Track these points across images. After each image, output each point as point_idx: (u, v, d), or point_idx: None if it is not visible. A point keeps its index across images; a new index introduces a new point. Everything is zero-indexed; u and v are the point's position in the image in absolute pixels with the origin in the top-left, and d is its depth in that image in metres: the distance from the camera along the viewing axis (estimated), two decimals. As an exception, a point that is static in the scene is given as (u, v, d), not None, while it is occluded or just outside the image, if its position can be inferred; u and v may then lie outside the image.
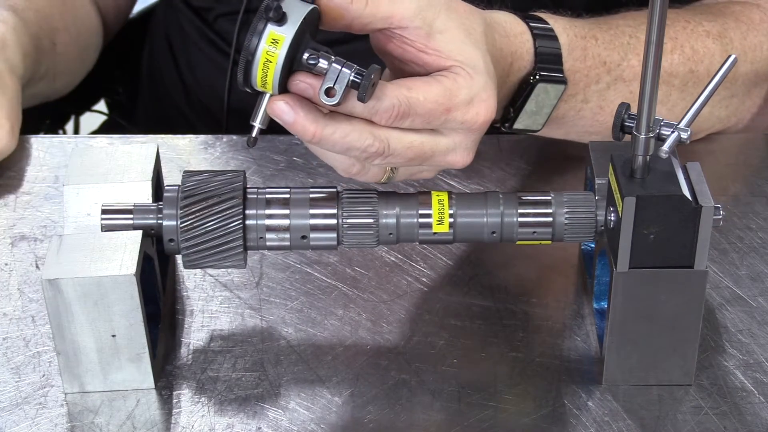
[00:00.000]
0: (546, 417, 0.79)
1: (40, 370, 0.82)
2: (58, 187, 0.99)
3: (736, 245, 0.93)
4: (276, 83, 0.73)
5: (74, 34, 1.16)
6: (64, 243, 0.78)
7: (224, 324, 0.86)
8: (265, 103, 0.75)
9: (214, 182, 0.80)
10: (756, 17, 1.04)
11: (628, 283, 0.77)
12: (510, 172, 1.01)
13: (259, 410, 0.79)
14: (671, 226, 0.75)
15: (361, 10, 0.76)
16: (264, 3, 0.72)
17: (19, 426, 0.78)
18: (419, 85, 0.76)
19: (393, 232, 0.81)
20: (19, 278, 0.90)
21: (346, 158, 0.78)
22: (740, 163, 1.05)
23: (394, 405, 0.80)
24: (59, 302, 0.76)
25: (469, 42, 0.79)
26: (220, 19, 1.19)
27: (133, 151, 0.85)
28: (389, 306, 0.88)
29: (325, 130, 0.74)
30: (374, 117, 0.75)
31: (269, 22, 0.72)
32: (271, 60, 0.73)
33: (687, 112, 0.76)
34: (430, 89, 0.76)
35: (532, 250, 0.92)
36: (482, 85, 0.78)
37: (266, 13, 0.72)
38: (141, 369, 0.80)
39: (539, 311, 0.88)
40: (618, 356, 0.80)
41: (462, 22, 0.80)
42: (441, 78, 0.77)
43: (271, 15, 0.72)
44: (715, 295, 0.89)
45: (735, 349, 0.84)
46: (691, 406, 0.80)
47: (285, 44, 0.72)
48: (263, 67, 0.73)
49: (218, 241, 0.79)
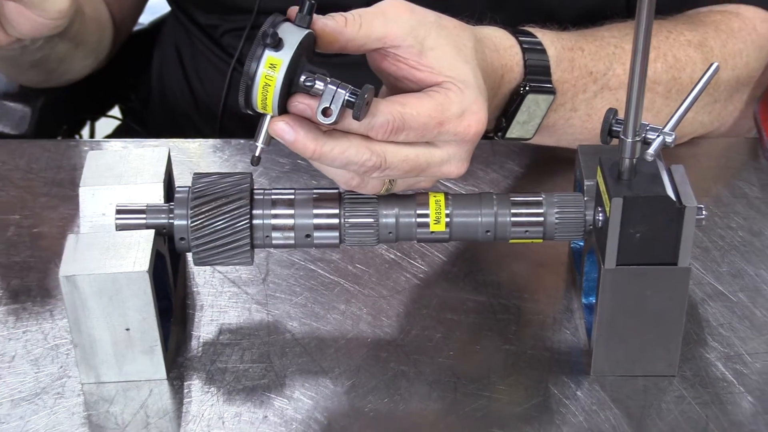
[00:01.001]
0: (537, 406, 0.79)
1: (58, 361, 0.82)
2: (74, 188, 0.99)
3: (717, 243, 0.93)
4: (275, 105, 0.74)
5: (94, 18, 1.15)
6: (80, 241, 0.78)
7: (232, 318, 0.86)
8: (267, 124, 0.75)
9: (223, 184, 0.80)
10: (735, 26, 1.04)
11: (615, 280, 0.77)
12: (503, 174, 1.02)
13: (266, 399, 0.80)
14: (656, 226, 0.75)
15: (356, 32, 0.77)
16: (261, 30, 0.73)
17: (38, 415, 0.78)
18: (412, 100, 0.77)
19: (392, 231, 0.81)
20: (38, 275, 0.90)
21: (346, 172, 0.78)
22: (722, 165, 1.05)
23: (393, 395, 0.80)
24: (76, 297, 0.76)
25: (459, 58, 0.80)
26: (226, 35, 1.19)
27: (146, 155, 0.85)
28: (389, 301, 0.88)
29: (324, 147, 0.74)
30: (370, 132, 0.75)
31: (267, 47, 0.73)
32: (270, 83, 0.73)
33: (671, 117, 0.76)
34: (423, 104, 0.77)
35: (524, 248, 0.91)
36: (473, 98, 0.78)
37: (264, 39, 0.72)
38: (154, 361, 0.80)
39: (531, 306, 0.88)
40: (605, 348, 0.80)
41: (452, 38, 0.80)
42: (433, 93, 0.78)
43: (268, 41, 0.72)
44: (698, 290, 0.89)
45: (716, 341, 0.84)
46: (674, 395, 0.80)
47: (282, 68, 0.73)
48: (263, 90, 0.73)
49: (226, 240, 0.80)
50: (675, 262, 0.76)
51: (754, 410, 0.79)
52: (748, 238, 0.94)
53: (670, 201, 0.75)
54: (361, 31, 0.77)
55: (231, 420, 0.78)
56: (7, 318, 0.86)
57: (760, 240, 0.93)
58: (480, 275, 0.91)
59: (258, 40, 0.73)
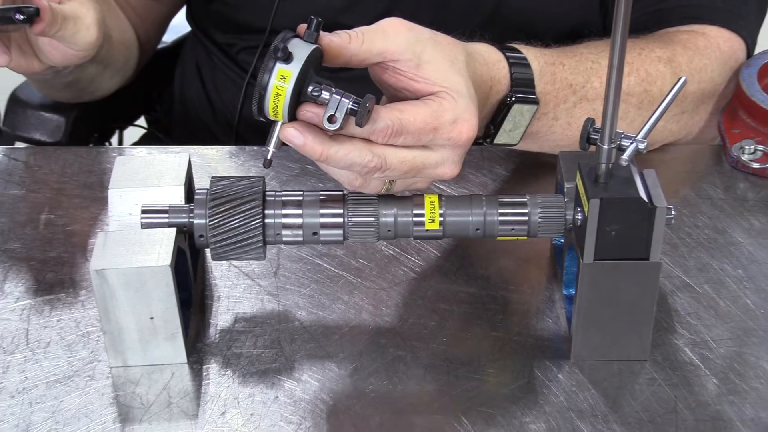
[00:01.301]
0: (522, 387, 0.79)
1: (88, 347, 0.82)
2: (104, 190, 0.98)
3: (685, 240, 0.93)
4: (286, 112, 0.74)
5: (121, 41, 1.15)
6: (109, 238, 0.78)
7: (246, 308, 0.86)
8: (278, 130, 0.75)
9: (238, 186, 0.80)
10: (701, 44, 1.04)
11: (592, 273, 0.77)
12: (491, 177, 1.01)
13: (277, 381, 0.79)
14: (630, 224, 0.75)
15: (358, 48, 0.77)
16: (273, 44, 0.73)
17: (71, 395, 0.78)
18: (410, 108, 0.77)
19: (391, 229, 0.81)
20: (71, 269, 0.90)
21: (350, 173, 0.78)
22: (689, 170, 1.05)
23: (392, 377, 0.80)
24: (105, 289, 0.76)
25: (453, 70, 0.79)
26: (241, 52, 1.19)
27: (168, 160, 0.85)
28: (388, 292, 0.88)
29: (330, 150, 0.74)
30: (372, 137, 0.75)
31: (278, 60, 0.73)
32: (281, 93, 0.73)
33: (644, 126, 0.75)
34: (419, 111, 0.77)
35: (511, 245, 0.91)
36: (465, 106, 0.78)
37: (275, 53, 0.72)
38: (175, 346, 0.79)
39: (516, 297, 0.87)
40: (584, 335, 0.80)
41: (446, 53, 0.80)
42: (429, 101, 0.78)
43: (279, 55, 0.72)
44: (667, 283, 0.88)
45: (684, 329, 0.84)
46: (646, 378, 0.80)
47: (292, 79, 0.73)
48: (274, 99, 0.73)
49: (241, 237, 0.79)
50: (647, 257, 0.76)
51: (718, 391, 0.78)
52: (712, 236, 0.93)
53: (643, 202, 0.74)
54: (363, 47, 0.77)
55: (245, 400, 0.78)
56: (43, 308, 0.85)
57: (723, 237, 0.93)
58: (470, 269, 0.90)
59: (270, 53, 0.73)
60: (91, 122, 1.26)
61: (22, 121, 1.22)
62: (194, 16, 1.25)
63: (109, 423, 0.76)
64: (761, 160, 1.00)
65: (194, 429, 0.75)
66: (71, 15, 0.94)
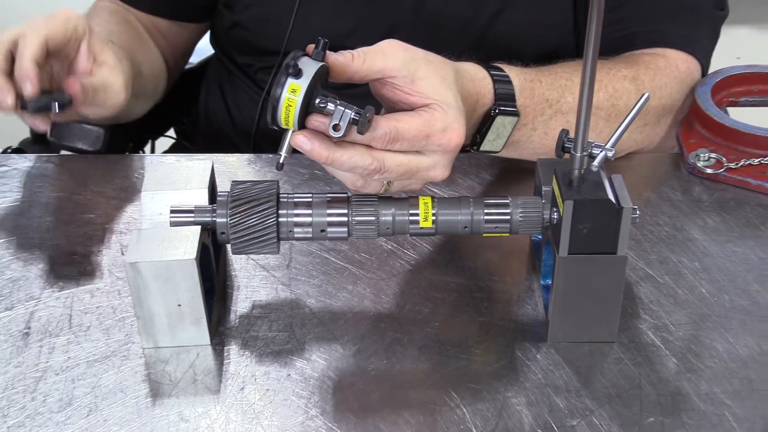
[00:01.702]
0: (505, 366, 0.79)
1: (124, 330, 0.82)
2: (137, 193, 0.98)
3: (648, 237, 0.93)
4: (296, 121, 0.74)
5: (151, 73, 1.15)
6: (142, 235, 0.78)
7: (262, 296, 0.86)
8: (289, 137, 0.75)
9: (255, 189, 0.80)
10: (661, 64, 1.03)
11: (567, 266, 0.77)
12: (478, 181, 1.01)
13: (289, 361, 0.79)
14: (600, 223, 0.74)
15: (360, 65, 0.77)
16: (285, 62, 0.73)
17: (108, 373, 0.78)
18: (405, 117, 0.77)
19: (390, 227, 0.81)
20: (109, 262, 0.89)
21: (352, 175, 0.78)
22: (651, 175, 1.04)
23: (391, 357, 0.79)
24: (138, 280, 0.76)
25: (443, 85, 0.80)
26: (259, 72, 1.19)
27: (194, 166, 0.85)
28: (387, 282, 0.87)
29: (335, 154, 0.75)
30: (372, 143, 0.76)
31: (289, 76, 0.73)
32: (291, 105, 0.73)
33: (611, 136, 0.75)
34: (414, 120, 0.77)
35: (495, 241, 0.91)
36: (454, 117, 0.79)
37: (287, 70, 0.73)
38: (200, 330, 0.79)
39: (500, 286, 0.87)
40: (559, 320, 0.80)
41: (437, 70, 0.80)
42: (422, 112, 0.78)
43: (290, 71, 0.73)
44: (632, 274, 0.88)
45: (647, 315, 0.84)
46: (614, 358, 0.79)
47: (301, 92, 0.73)
48: (285, 110, 0.74)
49: (258, 234, 0.79)
50: (614, 252, 0.76)
51: (677, 369, 0.78)
52: (672, 233, 0.93)
53: (611, 203, 0.74)
54: (365, 65, 0.77)
55: (261, 377, 0.77)
56: (84, 296, 0.85)
57: (681, 234, 0.93)
58: (460, 262, 0.90)
59: (282, 70, 0.73)
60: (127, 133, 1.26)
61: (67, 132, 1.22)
62: (217, 40, 1.25)
63: (142, 397, 0.76)
64: (714, 167, 1.00)
65: (216, 403, 0.75)
66: (101, 85, 0.95)
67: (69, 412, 0.74)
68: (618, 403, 0.75)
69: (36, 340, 0.81)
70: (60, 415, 0.74)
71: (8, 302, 0.84)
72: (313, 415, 0.74)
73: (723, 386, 0.77)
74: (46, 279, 0.87)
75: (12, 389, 0.76)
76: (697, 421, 0.74)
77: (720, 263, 0.89)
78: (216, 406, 0.75)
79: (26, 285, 0.86)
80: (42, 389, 0.76)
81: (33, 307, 0.84)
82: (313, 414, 0.74)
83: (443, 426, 0.73)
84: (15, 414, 0.74)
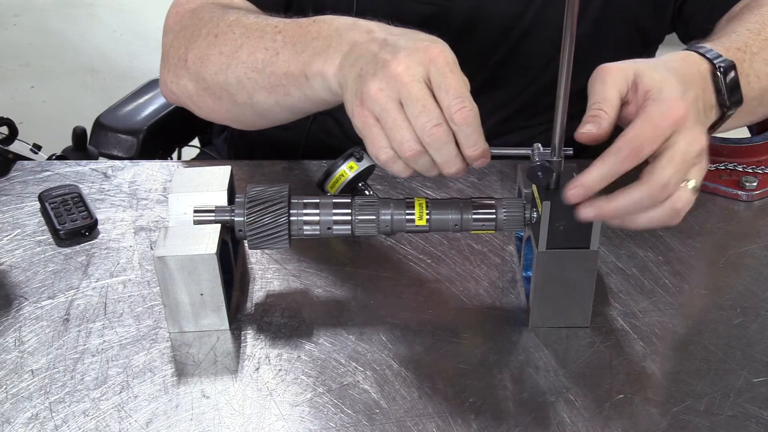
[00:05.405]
0: (491, 349, 0.78)
1: (152, 317, 0.81)
2: (165, 195, 0.98)
3: (618, 233, 0.92)
4: (338, 190, 0.86)
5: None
6: (168, 232, 0.78)
7: (275, 286, 0.85)
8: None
9: (269, 192, 0.79)
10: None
11: (545, 259, 0.76)
12: (467, 185, 1.01)
13: (299, 344, 0.79)
14: (574, 221, 0.74)
15: (611, 123, 0.71)
16: (355, 148, 0.86)
17: (138, 354, 0.77)
18: (631, 126, 0.70)
19: (389, 225, 0.80)
20: (140, 256, 0.89)
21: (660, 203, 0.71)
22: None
23: (389, 341, 0.79)
24: (165, 272, 0.75)
25: (657, 72, 0.72)
26: None
27: (215, 172, 0.84)
28: (386, 274, 0.87)
29: (615, 204, 0.70)
30: (621, 168, 0.69)
31: (352, 157, 0.85)
32: (344, 176, 0.86)
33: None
34: (636, 123, 0.70)
35: (482, 237, 0.91)
36: (667, 94, 0.71)
37: (354, 152, 0.85)
38: (220, 316, 0.79)
39: (486, 278, 0.87)
40: (539, 308, 0.79)
41: (648, 65, 0.73)
42: (641, 111, 0.70)
43: (356, 155, 0.85)
44: (604, 266, 0.88)
45: (617, 303, 0.83)
46: (587, 341, 0.79)
47: (355, 171, 0.86)
48: (337, 178, 0.86)
49: (271, 231, 0.79)
50: (588, 246, 0.75)
51: (644, 351, 0.78)
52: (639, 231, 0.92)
53: (585, 203, 0.74)
54: (613, 118, 0.71)
55: (274, 359, 0.77)
56: (117, 286, 0.85)
57: (648, 232, 0.92)
58: (451, 256, 0.89)
59: (350, 151, 0.86)
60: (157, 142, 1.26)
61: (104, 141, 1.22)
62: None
63: (168, 376, 0.75)
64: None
65: (234, 381, 0.75)
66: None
67: (104, 389, 0.74)
68: (591, 381, 0.75)
69: (75, 325, 0.80)
70: (96, 392, 0.74)
71: (50, 292, 0.84)
72: (320, 392, 0.74)
73: (684, 366, 0.76)
74: (84, 271, 0.87)
75: (54, 369, 0.76)
76: (662, 397, 0.74)
77: (681, 257, 0.89)
78: (234, 384, 0.75)
79: (66, 276, 0.86)
80: (80, 369, 0.76)
81: (72, 296, 0.84)
82: (320, 391, 0.74)
83: (436, 401, 0.73)
84: (56, 390, 0.74)
